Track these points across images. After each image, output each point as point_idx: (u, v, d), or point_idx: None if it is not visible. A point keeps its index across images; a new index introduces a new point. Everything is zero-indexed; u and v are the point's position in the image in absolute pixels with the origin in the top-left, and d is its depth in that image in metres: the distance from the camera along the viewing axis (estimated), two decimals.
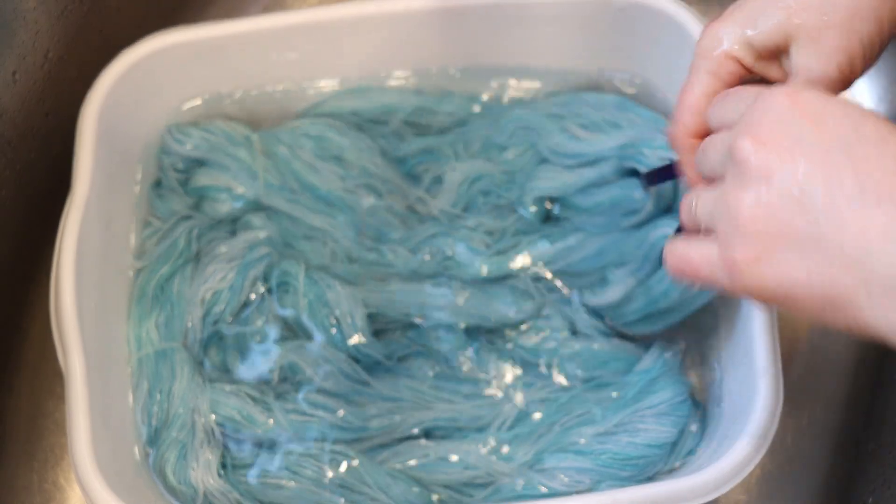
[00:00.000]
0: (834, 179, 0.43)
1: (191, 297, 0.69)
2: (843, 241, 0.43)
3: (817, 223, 0.43)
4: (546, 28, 0.73)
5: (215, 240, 0.71)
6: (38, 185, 0.74)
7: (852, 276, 0.43)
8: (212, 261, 0.70)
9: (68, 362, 0.62)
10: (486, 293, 0.70)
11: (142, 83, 0.71)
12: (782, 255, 0.45)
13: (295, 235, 0.72)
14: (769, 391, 0.61)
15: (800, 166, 0.44)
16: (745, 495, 0.73)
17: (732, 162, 0.46)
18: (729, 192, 0.46)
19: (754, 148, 0.45)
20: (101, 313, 0.67)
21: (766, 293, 0.46)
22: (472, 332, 0.70)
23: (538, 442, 0.66)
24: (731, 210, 0.46)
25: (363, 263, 0.71)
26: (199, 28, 0.71)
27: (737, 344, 0.66)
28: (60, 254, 0.64)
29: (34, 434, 0.74)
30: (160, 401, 0.67)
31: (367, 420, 0.67)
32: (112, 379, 0.66)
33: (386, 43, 0.73)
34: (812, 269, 0.44)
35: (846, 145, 0.44)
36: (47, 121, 0.74)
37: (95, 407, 0.62)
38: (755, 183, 0.45)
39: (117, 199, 0.70)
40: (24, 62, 0.70)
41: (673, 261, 0.52)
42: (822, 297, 0.44)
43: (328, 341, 0.68)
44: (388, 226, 0.72)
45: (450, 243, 0.71)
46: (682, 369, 0.68)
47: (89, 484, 0.60)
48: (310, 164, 0.72)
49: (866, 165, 0.43)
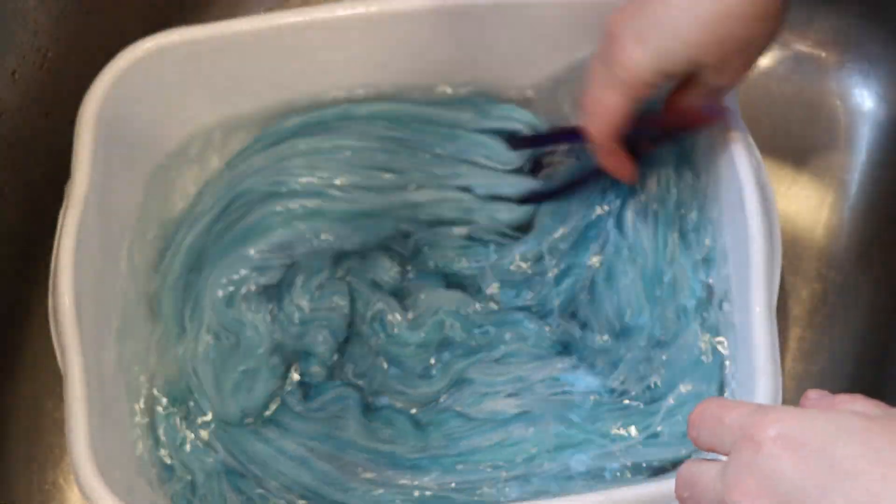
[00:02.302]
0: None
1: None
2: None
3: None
4: (545, 28, 0.73)
5: None
6: (37, 184, 0.74)
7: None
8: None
9: (67, 362, 0.62)
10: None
11: (141, 83, 0.71)
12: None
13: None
14: (769, 391, 0.61)
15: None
16: None
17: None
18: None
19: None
20: (100, 313, 0.67)
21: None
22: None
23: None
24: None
25: None
26: (199, 28, 0.71)
27: (737, 344, 0.66)
28: (59, 253, 0.64)
29: (33, 434, 0.74)
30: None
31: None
32: (111, 378, 0.66)
33: (393, 43, 0.73)
34: None
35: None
36: (46, 120, 0.74)
37: (94, 407, 0.62)
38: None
39: (116, 198, 0.70)
40: (23, 62, 0.70)
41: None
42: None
43: None
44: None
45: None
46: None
47: (88, 484, 0.59)
48: None
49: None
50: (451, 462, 0.66)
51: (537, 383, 0.68)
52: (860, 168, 0.80)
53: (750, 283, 0.63)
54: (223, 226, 0.72)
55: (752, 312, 0.63)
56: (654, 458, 0.65)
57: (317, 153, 0.72)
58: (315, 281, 0.71)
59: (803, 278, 0.77)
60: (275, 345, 0.69)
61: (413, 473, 0.65)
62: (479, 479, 0.65)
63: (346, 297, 0.71)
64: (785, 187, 0.80)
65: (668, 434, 0.65)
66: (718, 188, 0.68)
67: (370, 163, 0.72)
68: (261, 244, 0.70)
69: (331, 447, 0.66)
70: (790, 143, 0.81)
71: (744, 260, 0.64)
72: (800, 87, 0.81)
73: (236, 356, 0.69)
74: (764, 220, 0.64)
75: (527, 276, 0.72)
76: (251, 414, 0.68)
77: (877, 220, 0.78)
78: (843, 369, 0.75)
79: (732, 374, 0.66)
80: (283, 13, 0.72)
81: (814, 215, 0.79)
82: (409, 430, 0.67)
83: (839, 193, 0.80)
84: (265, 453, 0.66)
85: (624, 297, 0.69)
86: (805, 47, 0.83)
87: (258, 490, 0.66)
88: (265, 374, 0.68)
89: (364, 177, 0.72)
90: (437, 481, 0.65)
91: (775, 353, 0.62)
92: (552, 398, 0.67)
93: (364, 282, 0.72)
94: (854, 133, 0.81)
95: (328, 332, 0.70)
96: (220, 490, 0.66)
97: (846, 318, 0.76)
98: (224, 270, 0.70)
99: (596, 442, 0.65)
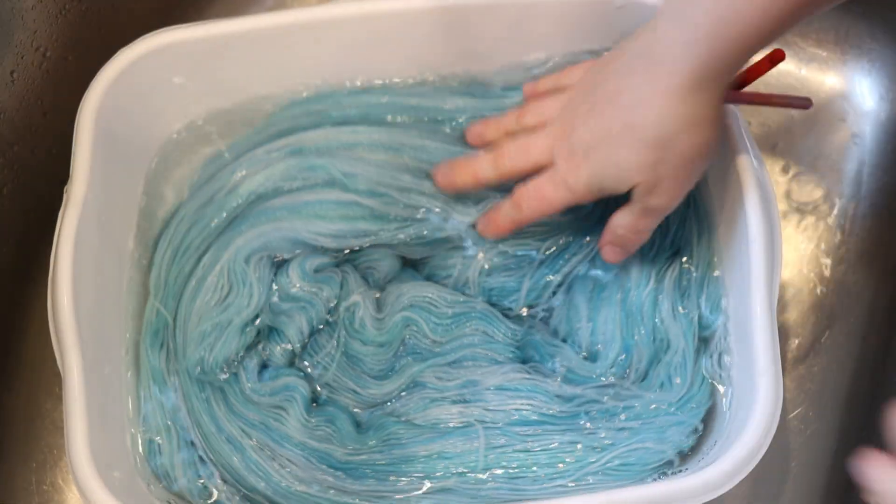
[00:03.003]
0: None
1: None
2: None
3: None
4: (544, 26, 0.73)
5: None
6: (36, 184, 0.74)
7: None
8: None
9: (65, 362, 0.62)
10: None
11: (140, 82, 0.70)
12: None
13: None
14: (769, 391, 0.61)
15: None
16: (746, 495, 0.72)
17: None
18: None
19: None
20: (99, 313, 0.66)
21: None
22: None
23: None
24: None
25: None
26: (198, 27, 0.71)
27: (737, 344, 0.66)
28: (57, 253, 0.64)
29: (32, 434, 0.74)
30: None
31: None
32: (110, 379, 0.66)
33: (389, 43, 0.73)
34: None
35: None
36: (45, 120, 0.74)
37: (93, 407, 0.62)
38: None
39: (115, 197, 0.70)
40: (22, 61, 0.70)
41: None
42: None
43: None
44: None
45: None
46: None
47: (86, 485, 0.59)
48: None
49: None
50: (385, 470, 0.66)
51: (488, 391, 0.67)
52: (861, 168, 0.80)
53: (750, 283, 0.63)
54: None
55: (753, 313, 0.63)
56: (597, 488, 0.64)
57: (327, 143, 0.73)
58: (313, 262, 0.71)
59: (803, 278, 0.77)
60: (257, 313, 0.70)
61: (344, 476, 0.66)
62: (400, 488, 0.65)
63: (336, 287, 0.71)
64: (786, 187, 0.80)
65: (618, 466, 0.65)
66: (719, 188, 0.68)
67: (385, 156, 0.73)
68: (319, 227, 0.71)
69: (267, 437, 0.66)
70: (790, 143, 0.81)
71: (744, 260, 0.64)
72: (800, 87, 0.81)
73: (219, 307, 0.69)
74: (764, 220, 0.64)
75: (508, 260, 0.72)
76: (206, 371, 0.68)
77: (877, 220, 0.78)
78: (843, 369, 0.75)
79: (733, 374, 0.66)
80: (283, 12, 0.73)
81: (814, 215, 0.79)
82: (349, 431, 0.67)
83: (840, 193, 0.80)
84: (207, 428, 0.67)
85: (601, 322, 0.69)
86: (805, 46, 0.83)
87: (198, 454, 0.67)
88: (233, 336, 0.69)
89: (379, 174, 0.72)
90: (371, 489, 0.65)
91: (776, 353, 0.62)
92: (498, 409, 0.67)
93: (357, 274, 0.72)
94: (855, 132, 0.81)
95: (305, 318, 0.70)
96: (176, 441, 0.67)
97: (846, 318, 0.76)
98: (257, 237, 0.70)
99: (524, 463, 0.65)
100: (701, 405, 0.66)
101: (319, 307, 0.70)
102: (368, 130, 0.73)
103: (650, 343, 0.68)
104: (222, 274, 0.69)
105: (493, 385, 0.67)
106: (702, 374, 0.67)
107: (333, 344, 0.70)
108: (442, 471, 0.65)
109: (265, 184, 0.71)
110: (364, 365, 0.69)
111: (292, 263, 0.70)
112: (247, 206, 0.71)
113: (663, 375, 0.67)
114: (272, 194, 0.71)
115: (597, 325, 0.69)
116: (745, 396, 0.62)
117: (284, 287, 0.70)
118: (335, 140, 0.72)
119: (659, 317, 0.68)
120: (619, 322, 0.68)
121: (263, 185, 0.71)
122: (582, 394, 0.67)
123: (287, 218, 0.70)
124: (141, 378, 0.68)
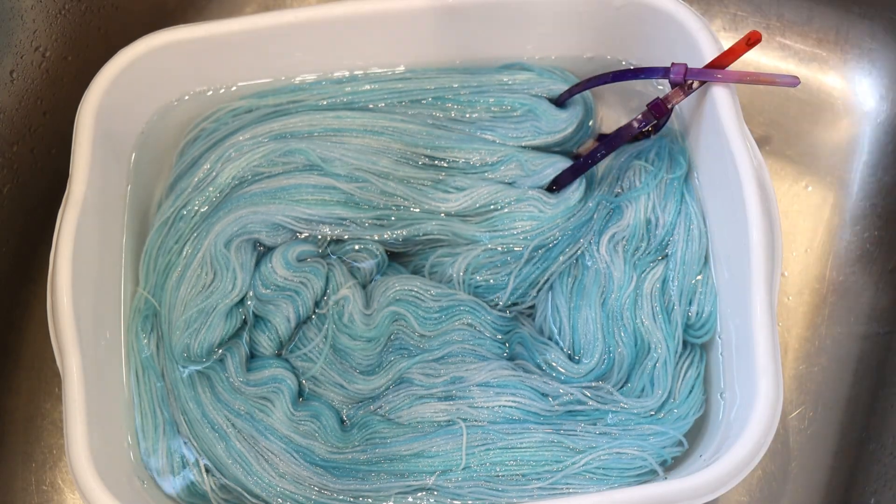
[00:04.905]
0: None
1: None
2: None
3: None
4: (544, 25, 0.73)
5: None
6: (36, 183, 0.74)
7: None
8: None
9: (65, 363, 0.62)
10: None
11: (139, 82, 0.71)
12: None
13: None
14: (769, 391, 0.61)
15: None
16: (747, 496, 0.72)
17: None
18: None
19: None
20: (99, 313, 0.66)
21: None
22: None
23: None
24: None
25: None
26: (196, 27, 0.71)
27: (737, 344, 0.66)
28: (57, 253, 0.64)
29: (32, 435, 0.74)
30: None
31: None
32: (109, 379, 0.66)
33: (386, 40, 0.73)
34: None
35: None
36: (45, 119, 0.74)
37: (92, 408, 0.62)
38: None
39: (114, 196, 0.70)
40: (21, 61, 0.70)
41: None
42: None
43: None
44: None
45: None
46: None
47: (86, 485, 0.59)
48: None
49: None
50: (367, 470, 0.66)
51: (474, 387, 0.68)
52: (861, 168, 0.80)
53: (750, 283, 0.63)
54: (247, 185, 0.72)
55: (753, 313, 0.63)
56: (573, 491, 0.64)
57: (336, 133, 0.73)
58: (295, 250, 0.71)
59: (803, 278, 0.77)
60: (242, 297, 0.70)
61: (326, 474, 0.66)
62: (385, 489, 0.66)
63: (322, 278, 0.71)
64: (786, 187, 0.80)
65: (596, 469, 0.65)
66: (718, 188, 0.68)
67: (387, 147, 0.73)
68: (295, 211, 0.71)
69: (252, 428, 0.67)
70: (791, 143, 0.81)
71: (744, 260, 0.64)
72: (801, 87, 0.81)
73: (203, 294, 0.69)
74: (764, 219, 0.64)
75: (494, 257, 0.72)
76: (192, 357, 0.68)
77: (877, 220, 0.78)
78: (843, 369, 0.75)
79: (733, 374, 0.66)
80: (281, 12, 0.72)
81: (815, 215, 0.79)
82: (333, 428, 0.67)
83: (840, 193, 0.80)
84: (193, 415, 0.67)
85: (581, 322, 0.69)
86: (806, 47, 0.83)
87: (183, 441, 0.67)
88: (217, 321, 0.69)
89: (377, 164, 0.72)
90: (352, 488, 0.65)
91: (776, 353, 0.62)
92: (483, 406, 0.67)
93: (343, 267, 0.72)
94: (855, 132, 0.81)
95: (292, 307, 0.70)
96: (162, 428, 0.67)
97: (846, 318, 0.76)
98: (238, 221, 0.70)
99: (505, 463, 0.65)
100: (687, 417, 0.66)
101: (306, 297, 0.70)
102: (352, 115, 0.73)
103: (632, 346, 0.68)
104: (205, 261, 0.70)
105: (479, 381, 0.68)
106: (690, 386, 0.67)
107: (322, 338, 0.70)
108: (423, 470, 0.65)
109: (246, 168, 0.71)
110: (352, 360, 0.69)
111: (275, 252, 0.70)
112: (229, 191, 0.71)
113: (645, 381, 0.67)
114: (252, 179, 0.72)
115: (577, 325, 0.69)
116: (745, 396, 0.62)
117: (268, 275, 0.70)
118: (319, 125, 0.73)
119: (640, 320, 0.68)
120: (599, 323, 0.68)
121: (244, 170, 0.71)
122: (566, 392, 0.67)
123: (264, 202, 0.70)
124: (132, 366, 0.68)
